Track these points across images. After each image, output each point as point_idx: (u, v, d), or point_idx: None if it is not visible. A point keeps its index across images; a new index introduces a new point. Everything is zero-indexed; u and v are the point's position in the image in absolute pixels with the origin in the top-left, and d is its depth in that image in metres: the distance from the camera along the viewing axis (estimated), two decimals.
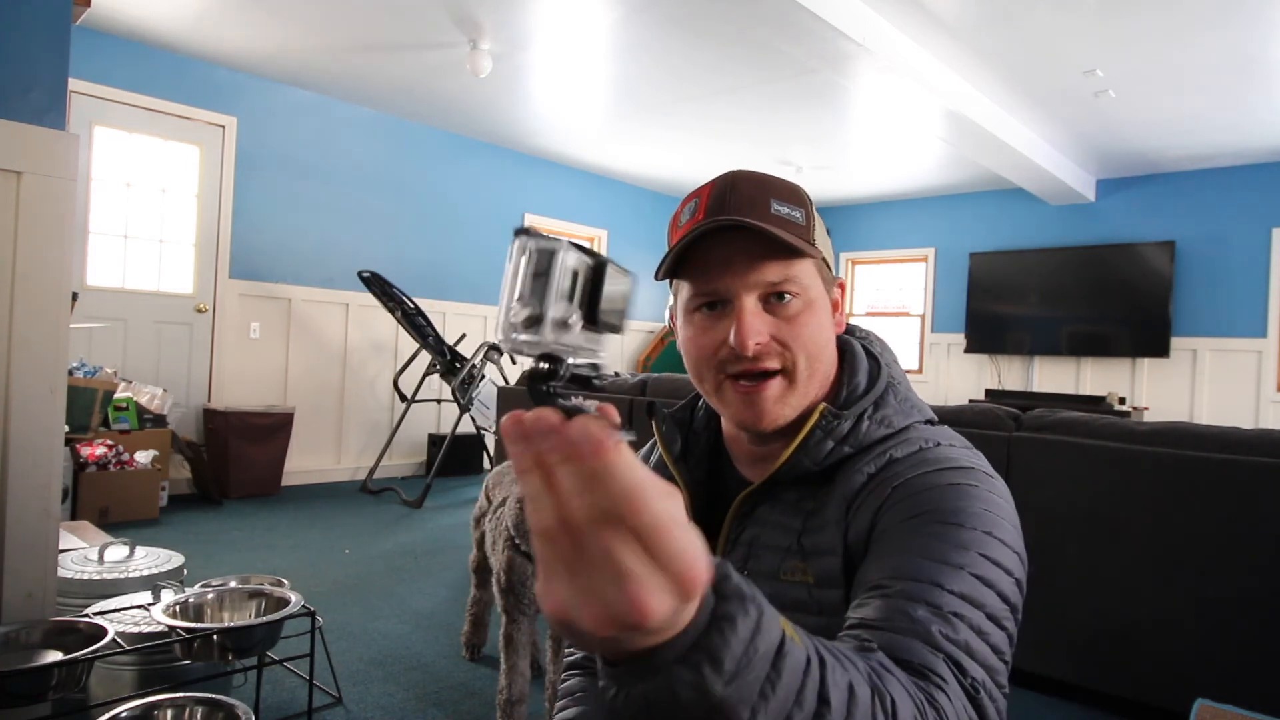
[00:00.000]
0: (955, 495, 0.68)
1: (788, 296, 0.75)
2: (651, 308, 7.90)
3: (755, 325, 0.74)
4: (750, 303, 0.75)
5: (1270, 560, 1.99)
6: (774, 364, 0.75)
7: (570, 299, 0.41)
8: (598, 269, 0.43)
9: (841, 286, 0.83)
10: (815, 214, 0.80)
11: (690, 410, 0.92)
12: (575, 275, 0.42)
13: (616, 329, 0.45)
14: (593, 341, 0.43)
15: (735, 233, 0.74)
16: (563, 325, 0.41)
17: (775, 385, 0.76)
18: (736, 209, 0.74)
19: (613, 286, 0.43)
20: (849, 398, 0.78)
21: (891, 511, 0.69)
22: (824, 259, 0.78)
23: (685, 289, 0.79)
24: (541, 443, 0.36)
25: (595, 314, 0.42)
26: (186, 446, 4.55)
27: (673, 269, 0.78)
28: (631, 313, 0.46)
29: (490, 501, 2.19)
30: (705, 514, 0.83)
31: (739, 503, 0.80)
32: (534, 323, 0.40)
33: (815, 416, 0.76)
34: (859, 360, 0.81)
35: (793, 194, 0.78)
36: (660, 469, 0.88)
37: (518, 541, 1.81)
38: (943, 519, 0.66)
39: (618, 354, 7.72)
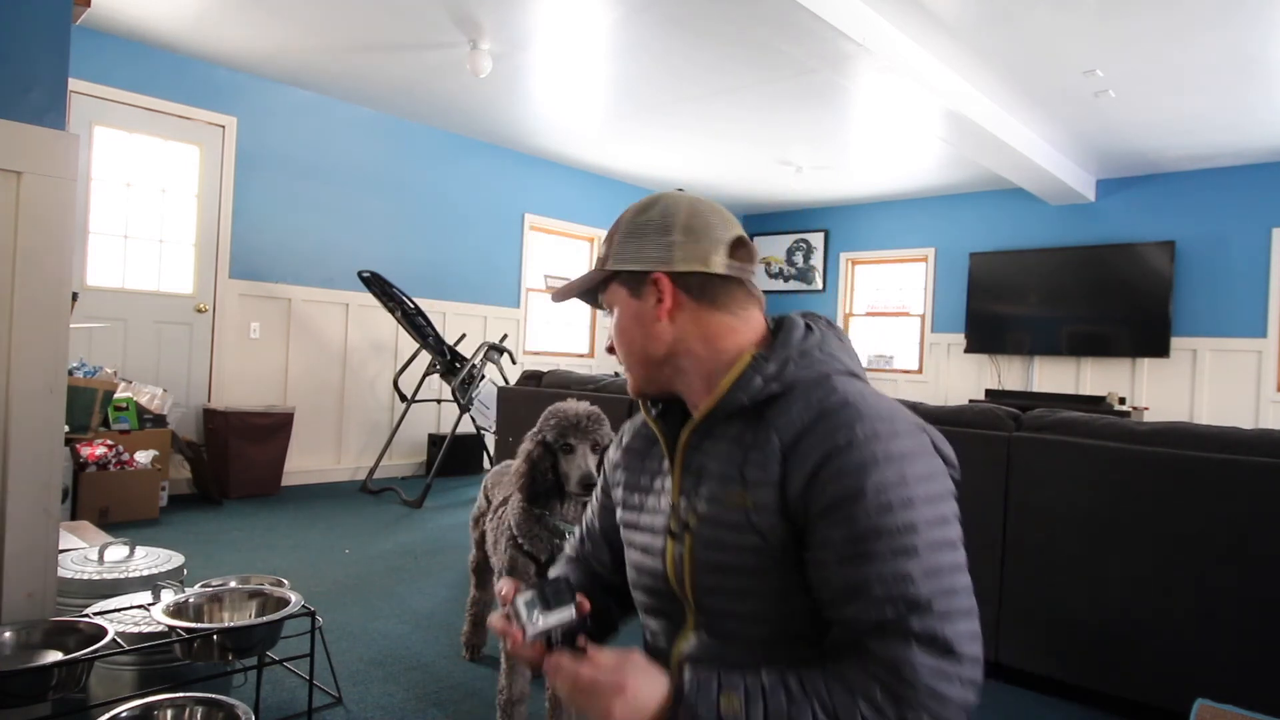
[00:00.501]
0: (888, 467, 0.81)
1: (610, 310, 1.03)
2: None
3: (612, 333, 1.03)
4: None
5: (1270, 560, 1.99)
6: (619, 358, 1.03)
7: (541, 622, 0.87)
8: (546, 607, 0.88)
9: (657, 278, 0.96)
10: (620, 234, 1.00)
11: None
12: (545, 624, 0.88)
13: (567, 602, 0.88)
14: (561, 610, 0.87)
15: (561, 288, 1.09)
16: (539, 631, 0.87)
17: (627, 370, 1.03)
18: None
19: (554, 608, 0.88)
20: (779, 346, 0.94)
21: (835, 483, 0.82)
22: (621, 271, 0.99)
23: None
24: (554, 673, 0.83)
25: (550, 609, 0.87)
26: (186, 446, 4.55)
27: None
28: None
29: (489, 501, 2.19)
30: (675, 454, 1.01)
31: (687, 435, 0.97)
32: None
33: (746, 358, 0.93)
34: (794, 326, 0.97)
35: (611, 231, 1.02)
36: (644, 426, 1.10)
37: (520, 541, 1.81)
38: (888, 505, 0.80)
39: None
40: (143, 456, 4.07)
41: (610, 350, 1.04)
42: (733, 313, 0.96)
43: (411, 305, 5.17)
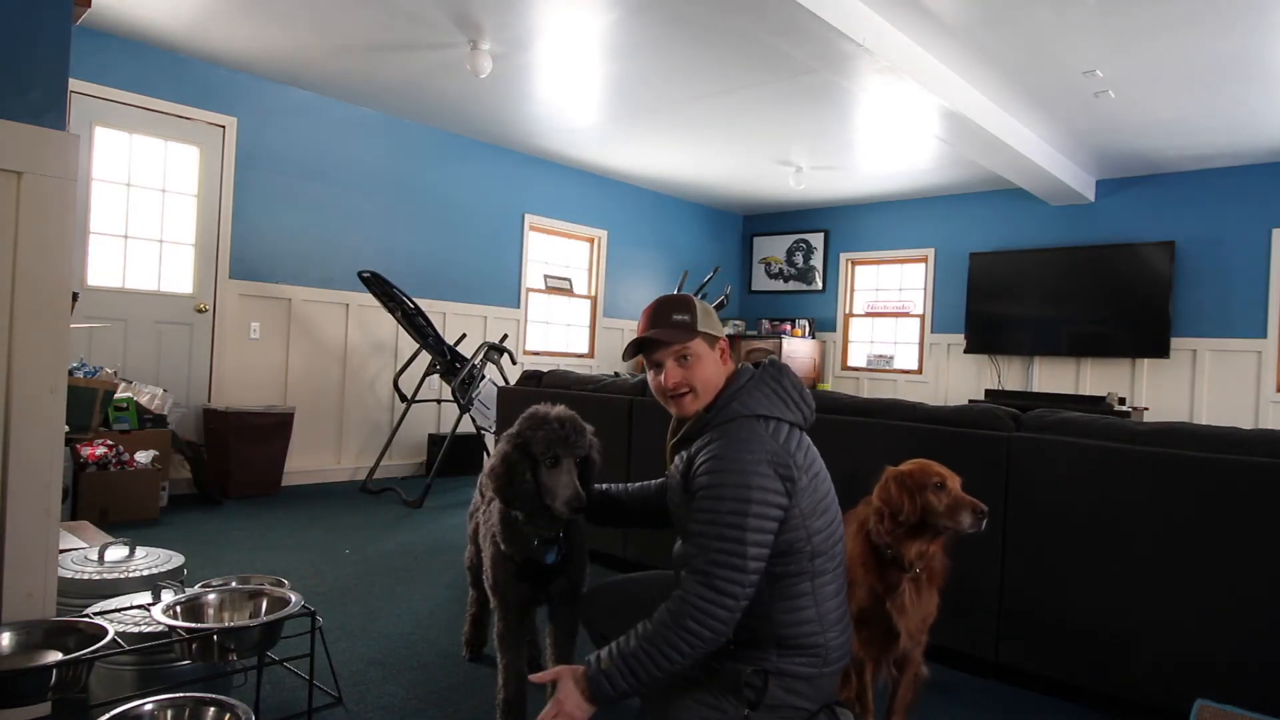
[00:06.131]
0: (719, 473, 1.45)
1: (687, 357, 1.58)
2: None
3: (673, 374, 1.59)
4: (670, 363, 1.60)
5: (1270, 560, 1.99)
6: (685, 389, 1.59)
7: None
8: None
9: (723, 341, 1.64)
10: (698, 309, 1.60)
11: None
12: None
13: None
14: None
15: (659, 333, 1.60)
16: None
17: (689, 398, 1.60)
18: (657, 323, 1.60)
19: None
20: (722, 396, 1.57)
21: (696, 472, 1.51)
22: (706, 333, 1.59)
23: (643, 359, 1.65)
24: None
25: None
26: (186, 446, 4.55)
27: (635, 353, 1.64)
28: None
29: (483, 496, 2.19)
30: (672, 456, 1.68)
31: (671, 448, 1.67)
32: None
33: (700, 410, 1.59)
34: (741, 378, 1.59)
35: (684, 304, 1.61)
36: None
37: (501, 545, 1.82)
38: (710, 492, 1.45)
39: (618, 360, 7.72)
40: (143, 456, 4.07)
41: (676, 384, 1.58)
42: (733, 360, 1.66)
43: (411, 305, 5.16)
